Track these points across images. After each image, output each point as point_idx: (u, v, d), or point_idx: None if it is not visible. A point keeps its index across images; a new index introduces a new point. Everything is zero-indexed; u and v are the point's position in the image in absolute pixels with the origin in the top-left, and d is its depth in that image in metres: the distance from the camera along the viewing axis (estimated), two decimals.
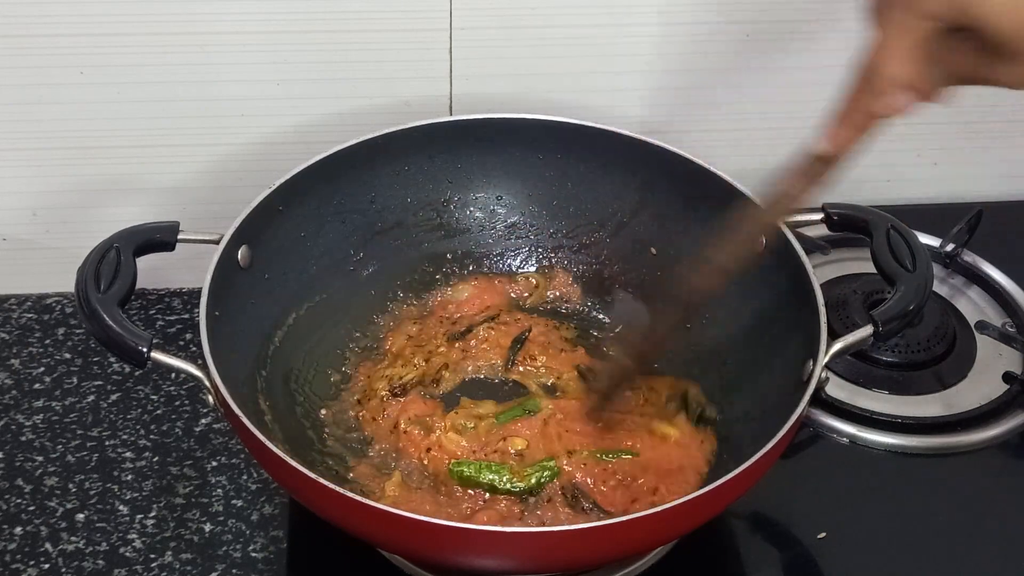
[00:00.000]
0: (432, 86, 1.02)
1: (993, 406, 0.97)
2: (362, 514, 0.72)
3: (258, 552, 0.87)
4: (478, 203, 1.01)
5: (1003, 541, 0.89)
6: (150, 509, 0.89)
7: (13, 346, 1.02)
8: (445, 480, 0.85)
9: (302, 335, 0.92)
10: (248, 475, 0.92)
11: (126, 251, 0.81)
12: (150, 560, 0.86)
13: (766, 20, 1.02)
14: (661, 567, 0.85)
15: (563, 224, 1.01)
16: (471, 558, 0.75)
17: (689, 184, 0.94)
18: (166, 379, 0.99)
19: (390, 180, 0.97)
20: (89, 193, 1.02)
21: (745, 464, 0.73)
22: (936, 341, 1.01)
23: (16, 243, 1.04)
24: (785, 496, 0.90)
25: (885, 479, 0.93)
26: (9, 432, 0.95)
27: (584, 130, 0.96)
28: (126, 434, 0.95)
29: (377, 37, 0.98)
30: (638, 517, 0.72)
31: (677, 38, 1.02)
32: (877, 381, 0.99)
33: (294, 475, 0.73)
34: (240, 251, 0.86)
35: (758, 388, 0.87)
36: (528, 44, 1.01)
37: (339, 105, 1.01)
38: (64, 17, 0.93)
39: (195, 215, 0.96)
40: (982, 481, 0.93)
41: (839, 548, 0.87)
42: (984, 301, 1.07)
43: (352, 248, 0.96)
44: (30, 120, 0.98)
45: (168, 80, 0.97)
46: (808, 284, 0.83)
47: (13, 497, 0.90)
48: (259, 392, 0.86)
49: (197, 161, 1.02)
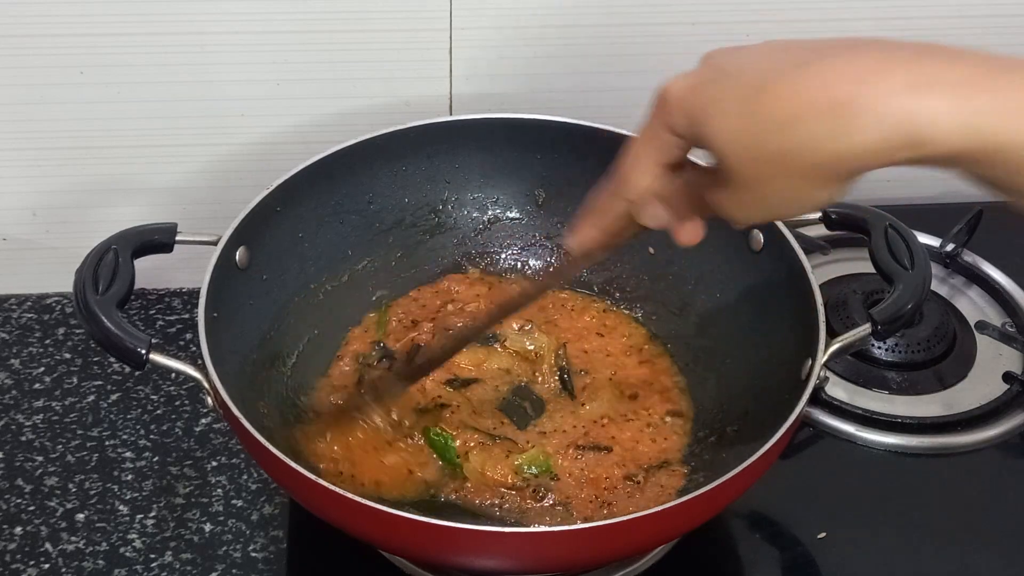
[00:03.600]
0: (432, 86, 1.02)
1: (993, 406, 0.97)
2: (362, 514, 0.72)
3: (258, 552, 0.87)
4: (476, 203, 1.01)
5: (1003, 541, 0.89)
6: (150, 509, 0.89)
7: (13, 346, 1.02)
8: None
9: (301, 335, 0.92)
10: (248, 475, 0.92)
11: (124, 252, 0.81)
12: (150, 560, 0.86)
13: (767, 21, 1.02)
14: (661, 567, 0.85)
15: (561, 224, 1.01)
16: (471, 558, 0.76)
17: None
18: (166, 379, 0.99)
19: (388, 180, 0.97)
20: (89, 193, 1.02)
21: (745, 464, 0.73)
22: (936, 341, 1.01)
23: (16, 243, 1.05)
24: (785, 496, 0.90)
25: (885, 479, 0.93)
26: (9, 432, 0.95)
27: (583, 130, 0.96)
28: (126, 434, 0.95)
29: (377, 37, 0.98)
30: (638, 517, 0.71)
31: (677, 38, 1.02)
32: (877, 381, 0.99)
33: (294, 476, 0.73)
34: (238, 252, 0.86)
35: (757, 387, 0.87)
36: (528, 44, 1.01)
37: (339, 105, 1.01)
38: (64, 17, 0.93)
39: (194, 215, 0.96)
40: (982, 481, 0.93)
41: (839, 548, 0.87)
42: (984, 301, 1.07)
43: (350, 248, 0.96)
44: (30, 120, 0.98)
45: (168, 80, 0.97)
46: (807, 283, 0.84)
47: (13, 497, 0.90)
48: (258, 393, 0.86)
49: (196, 161, 1.02)
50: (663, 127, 0.61)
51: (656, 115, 0.62)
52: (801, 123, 0.54)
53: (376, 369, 0.92)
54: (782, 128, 0.55)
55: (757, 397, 0.87)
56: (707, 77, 0.59)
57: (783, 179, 0.57)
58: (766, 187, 0.58)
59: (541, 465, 0.85)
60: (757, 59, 0.58)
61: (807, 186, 0.57)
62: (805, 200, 0.58)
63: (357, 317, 0.97)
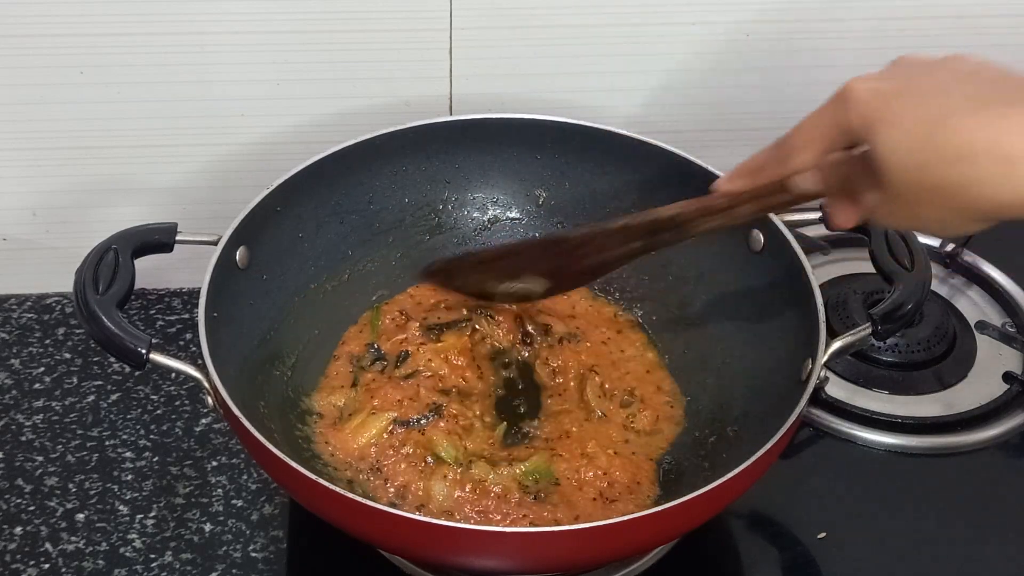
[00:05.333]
0: (432, 86, 1.02)
1: (993, 406, 0.97)
2: (362, 514, 0.72)
3: (258, 552, 0.87)
4: (476, 203, 1.01)
5: (1003, 541, 0.89)
6: (150, 509, 0.89)
7: (13, 346, 1.02)
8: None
9: (301, 335, 0.92)
10: (248, 475, 0.92)
11: (124, 252, 0.81)
12: (150, 560, 0.86)
13: (766, 20, 1.02)
14: (661, 567, 0.85)
15: (561, 224, 1.01)
16: (471, 558, 0.76)
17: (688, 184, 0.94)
18: (166, 379, 0.99)
19: (388, 180, 0.97)
20: (89, 193, 1.02)
21: (745, 464, 0.73)
22: (936, 341, 1.01)
23: (16, 243, 1.04)
24: (785, 496, 0.90)
25: (885, 479, 0.93)
26: (9, 432, 0.95)
27: (583, 130, 0.96)
28: (126, 434, 0.95)
29: (377, 37, 0.98)
30: (638, 517, 0.72)
31: (677, 38, 1.02)
32: (877, 381, 0.99)
33: (294, 476, 0.73)
34: (238, 252, 0.86)
35: (757, 387, 0.87)
36: (528, 44, 1.01)
37: (339, 105, 1.01)
38: (64, 17, 0.93)
39: (194, 215, 0.97)
40: (982, 481, 0.93)
41: (839, 548, 0.87)
42: (984, 301, 1.07)
43: (350, 248, 0.96)
44: (30, 120, 0.98)
45: (168, 80, 0.97)
46: (807, 283, 0.84)
47: (13, 497, 0.90)
48: (258, 393, 0.86)
49: (196, 161, 1.02)
50: (837, 120, 0.64)
51: (835, 106, 0.64)
52: (973, 164, 0.57)
53: (369, 371, 0.92)
54: (954, 163, 0.58)
55: (757, 397, 0.87)
56: (892, 88, 0.62)
57: (939, 206, 0.60)
58: (920, 208, 0.61)
59: (543, 472, 0.85)
60: (943, 84, 0.61)
61: (959, 218, 0.61)
62: (951, 228, 0.62)
63: (357, 317, 0.97)
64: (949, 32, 1.04)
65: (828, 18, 1.02)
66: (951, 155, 0.58)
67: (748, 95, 1.06)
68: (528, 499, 0.83)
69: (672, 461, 0.88)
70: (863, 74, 0.64)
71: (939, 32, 1.04)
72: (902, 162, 0.60)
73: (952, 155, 0.58)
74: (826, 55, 1.04)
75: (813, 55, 1.04)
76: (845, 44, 1.04)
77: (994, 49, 0.57)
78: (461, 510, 0.83)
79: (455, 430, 0.87)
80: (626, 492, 0.85)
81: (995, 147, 0.57)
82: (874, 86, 0.62)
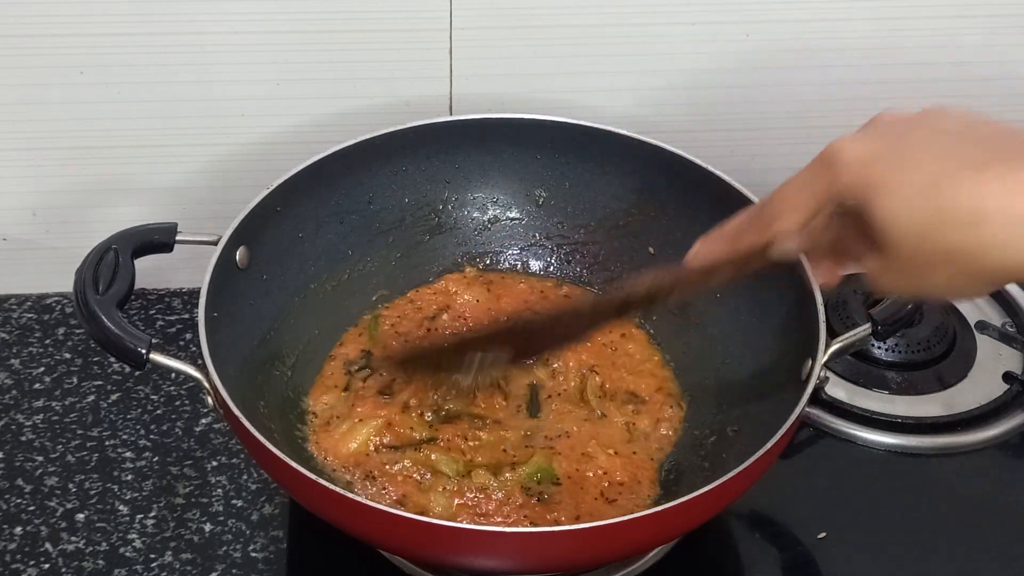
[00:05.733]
0: (432, 86, 1.02)
1: (993, 406, 0.97)
2: (362, 514, 0.72)
3: (258, 552, 0.87)
4: (476, 203, 1.01)
5: (1003, 541, 0.89)
6: (150, 509, 0.89)
7: (13, 346, 1.02)
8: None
9: (301, 335, 0.92)
10: (248, 475, 0.92)
11: (124, 252, 0.81)
12: (150, 560, 0.86)
13: (766, 20, 1.02)
14: (661, 567, 0.85)
15: (561, 224, 1.01)
16: (470, 558, 0.76)
17: (687, 184, 0.94)
18: (166, 379, 0.99)
19: (388, 180, 0.97)
20: (89, 193, 1.02)
21: (745, 464, 0.73)
22: (936, 341, 1.01)
23: (16, 243, 1.05)
24: (785, 496, 0.90)
25: (885, 479, 0.93)
26: (9, 432, 0.95)
27: (583, 130, 0.96)
28: (126, 434, 0.95)
29: (377, 37, 0.98)
30: (638, 517, 0.72)
31: (676, 38, 1.02)
32: (877, 381, 0.99)
33: (294, 476, 0.72)
34: (238, 252, 0.86)
35: (757, 387, 0.87)
36: (528, 44, 1.01)
37: (339, 105, 1.01)
38: (64, 17, 0.93)
39: (194, 215, 0.96)
40: (982, 481, 0.93)
41: (839, 548, 0.87)
42: (984, 301, 1.06)
43: (350, 248, 0.96)
44: (30, 120, 0.98)
45: (168, 80, 0.97)
46: (807, 283, 0.83)
47: (13, 497, 0.90)
48: (258, 393, 0.86)
49: (196, 161, 1.02)
50: (826, 184, 0.62)
51: (821, 171, 0.62)
52: (985, 227, 0.56)
53: (357, 378, 0.92)
54: (963, 228, 0.56)
55: (757, 397, 0.87)
56: (882, 151, 0.60)
57: (948, 272, 0.58)
58: (927, 273, 0.59)
59: (545, 471, 0.85)
60: (934, 144, 0.59)
61: (969, 282, 0.59)
62: (960, 292, 0.62)
63: (357, 317, 0.97)
64: (949, 32, 1.04)
65: (828, 18, 1.02)
66: (960, 219, 0.56)
67: (748, 95, 1.06)
68: (532, 501, 0.83)
69: (672, 461, 0.88)
70: (845, 135, 0.62)
71: (939, 32, 1.04)
72: (905, 228, 0.58)
73: (961, 219, 0.56)
74: (826, 55, 1.04)
75: (813, 55, 1.04)
76: (845, 44, 1.03)
77: (995, 50, 0.57)
78: (461, 512, 0.83)
79: (455, 447, 0.87)
80: (626, 492, 0.85)
81: (1007, 208, 0.55)
82: (863, 150, 0.60)
